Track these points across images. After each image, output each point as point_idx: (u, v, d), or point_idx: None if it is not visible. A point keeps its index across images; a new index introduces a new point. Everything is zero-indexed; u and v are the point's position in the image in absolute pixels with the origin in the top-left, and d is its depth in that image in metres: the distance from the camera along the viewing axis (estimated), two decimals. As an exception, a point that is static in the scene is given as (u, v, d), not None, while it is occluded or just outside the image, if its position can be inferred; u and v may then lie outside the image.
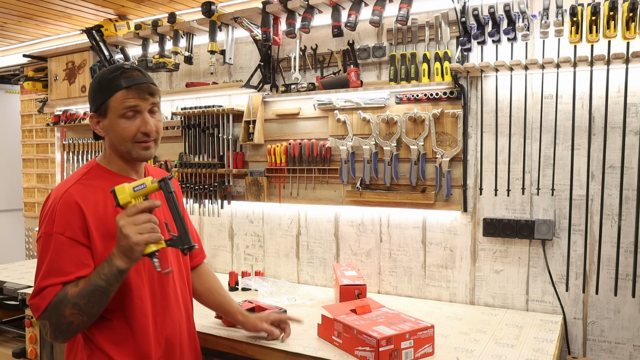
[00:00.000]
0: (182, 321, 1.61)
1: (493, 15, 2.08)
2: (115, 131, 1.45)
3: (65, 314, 1.33)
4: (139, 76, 1.44)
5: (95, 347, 1.46)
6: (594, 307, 2.10)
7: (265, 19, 2.51)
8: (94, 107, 1.47)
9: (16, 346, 2.76)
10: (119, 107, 1.42)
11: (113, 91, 1.42)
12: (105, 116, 1.45)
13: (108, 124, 1.45)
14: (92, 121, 1.49)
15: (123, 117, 1.43)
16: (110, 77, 1.42)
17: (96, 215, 1.41)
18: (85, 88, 3.29)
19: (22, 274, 3.01)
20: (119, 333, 1.46)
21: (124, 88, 1.41)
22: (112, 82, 1.42)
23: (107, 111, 1.44)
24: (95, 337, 1.45)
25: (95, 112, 1.47)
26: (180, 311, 1.61)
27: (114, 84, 1.42)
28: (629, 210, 2.02)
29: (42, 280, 1.36)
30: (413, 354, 1.65)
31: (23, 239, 4.48)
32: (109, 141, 1.49)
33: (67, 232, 1.37)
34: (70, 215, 1.38)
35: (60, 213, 1.38)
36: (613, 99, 2.02)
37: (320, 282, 2.71)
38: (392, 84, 2.38)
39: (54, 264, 1.37)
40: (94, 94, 1.46)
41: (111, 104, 1.42)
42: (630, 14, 1.86)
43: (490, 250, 2.28)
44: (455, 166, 2.33)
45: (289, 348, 1.76)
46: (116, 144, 1.47)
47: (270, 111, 2.77)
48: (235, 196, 2.92)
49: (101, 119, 1.46)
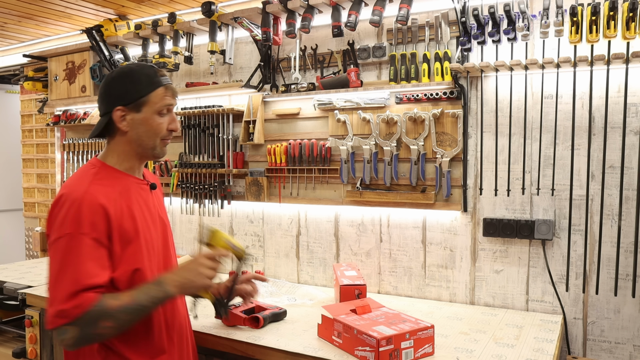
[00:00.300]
0: (185, 315, 1.67)
1: (493, 15, 2.08)
2: (148, 126, 1.45)
3: (101, 325, 1.29)
4: (168, 77, 1.50)
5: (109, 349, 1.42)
6: (594, 307, 2.10)
7: (265, 19, 2.51)
8: (125, 101, 1.43)
9: (16, 346, 2.76)
10: (159, 103, 1.45)
11: (155, 87, 1.44)
12: (139, 110, 1.44)
13: (141, 118, 1.44)
14: (117, 114, 1.44)
15: (159, 113, 1.46)
16: (150, 73, 1.45)
17: (116, 217, 1.39)
18: (85, 88, 3.29)
19: (22, 274, 3.00)
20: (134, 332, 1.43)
21: (163, 85, 1.45)
22: (152, 78, 1.44)
23: (142, 106, 1.44)
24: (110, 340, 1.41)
25: (126, 106, 1.44)
26: (184, 305, 1.66)
27: (154, 80, 1.44)
28: (629, 210, 2.02)
29: (73, 285, 1.28)
30: (413, 354, 1.65)
31: (23, 239, 4.48)
32: (131, 137, 1.46)
33: (93, 233, 1.33)
34: (97, 216, 1.35)
35: (86, 214, 1.33)
36: (613, 99, 2.02)
37: (320, 282, 2.71)
38: (392, 84, 2.38)
39: (82, 267, 1.30)
40: (129, 86, 1.43)
41: (151, 99, 1.44)
42: (630, 14, 1.86)
43: (490, 250, 2.28)
44: (455, 166, 2.33)
45: (289, 348, 1.76)
46: (143, 139, 1.47)
47: (270, 111, 2.77)
48: (235, 196, 2.92)
49: (132, 112, 1.44)
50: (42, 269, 3.18)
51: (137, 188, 1.52)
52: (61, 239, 1.33)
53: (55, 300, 1.29)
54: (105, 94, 1.47)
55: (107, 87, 1.47)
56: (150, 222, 1.51)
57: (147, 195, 1.55)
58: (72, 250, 1.32)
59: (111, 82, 1.47)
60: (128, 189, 1.48)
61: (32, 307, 2.56)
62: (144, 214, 1.49)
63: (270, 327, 1.99)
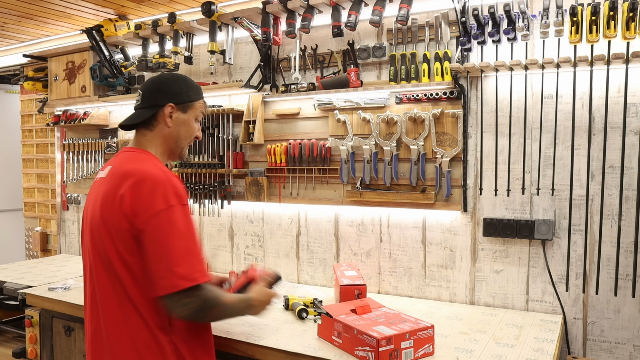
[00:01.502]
0: None
1: (493, 15, 2.08)
2: (187, 127, 1.65)
3: (212, 311, 1.45)
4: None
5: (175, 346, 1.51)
6: (594, 307, 2.10)
7: (265, 19, 2.51)
8: (177, 100, 1.60)
9: (16, 346, 2.76)
10: (199, 111, 1.67)
11: (201, 96, 1.69)
12: (185, 112, 1.63)
13: (185, 119, 1.63)
14: (167, 109, 1.59)
15: (196, 120, 1.68)
16: (198, 86, 1.69)
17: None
18: (85, 88, 3.29)
19: (22, 274, 3.01)
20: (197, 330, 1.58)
21: (203, 98, 1.70)
22: (199, 89, 1.69)
23: (188, 109, 1.64)
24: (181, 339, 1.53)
25: (176, 104, 1.61)
26: None
27: (201, 92, 1.69)
28: (629, 210, 2.02)
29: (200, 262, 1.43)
30: (413, 354, 1.65)
31: (23, 239, 4.48)
32: (171, 133, 1.62)
33: (188, 206, 1.48)
34: (184, 190, 1.49)
35: (181, 188, 1.47)
36: (613, 99, 2.02)
37: (320, 282, 2.71)
38: (392, 84, 2.38)
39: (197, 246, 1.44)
40: (184, 89, 1.62)
41: (197, 105, 1.66)
42: (630, 14, 1.86)
43: (490, 250, 2.28)
44: (455, 166, 2.33)
45: (289, 348, 1.76)
46: (181, 138, 1.64)
47: (270, 111, 2.77)
48: (235, 196, 2.92)
49: (179, 112, 1.62)
50: (42, 269, 3.18)
51: None
52: (165, 211, 1.40)
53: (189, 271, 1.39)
54: (158, 90, 1.61)
55: (162, 85, 1.62)
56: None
57: None
58: (182, 221, 1.42)
59: (167, 82, 1.63)
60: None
61: (32, 307, 2.56)
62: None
63: (271, 327, 1.99)
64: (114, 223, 1.42)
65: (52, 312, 2.46)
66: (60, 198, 3.78)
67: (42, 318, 2.53)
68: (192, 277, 1.38)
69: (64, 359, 2.46)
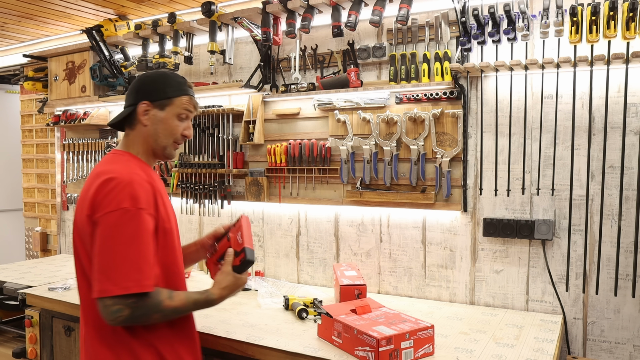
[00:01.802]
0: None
1: (493, 15, 2.08)
2: (166, 125, 1.57)
3: (152, 317, 1.41)
4: (194, 91, 1.65)
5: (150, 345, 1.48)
6: (594, 307, 2.10)
7: (265, 19, 2.51)
8: (152, 97, 1.56)
9: (16, 346, 2.76)
10: (181, 108, 1.58)
11: (182, 93, 1.59)
12: (163, 109, 1.57)
13: (162, 117, 1.57)
14: (141, 107, 1.56)
15: (178, 117, 1.59)
16: (181, 81, 1.61)
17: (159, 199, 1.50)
18: (85, 88, 3.29)
19: (22, 274, 3.01)
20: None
21: (189, 95, 1.61)
22: (182, 85, 1.60)
23: (166, 106, 1.57)
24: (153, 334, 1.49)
25: (151, 102, 1.56)
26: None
27: (184, 87, 1.60)
28: (629, 210, 2.02)
29: (136, 271, 1.35)
30: (413, 354, 1.65)
31: (23, 239, 4.48)
32: (149, 132, 1.57)
33: (150, 209, 1.43)
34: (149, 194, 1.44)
35: (141, 191, 1.42)
36: (613, 99, 2.02)
37: (320, 282, 2.71)
38: (392, 84, 2.38)
39: (143, 250, 1.38)
40: (160, 85, 1.57)
41: (175, 102, 1.58)
42: (630, 14, 1.86)
43: (490, 250, 2.28)
44: (455, 166, 2.33)
45: (289, 348, 1.76)
46: (158, 137, 1.58)
47: (270, 111, 2.77)
48: (235, 196, 2.92)
49: (155, 109, 1.56)
50: (42, 269, 3.18)
51: (159, 179, 1.62)
52: (113, 213, 1.37)
53: (117, 279, 1.34)
54: (135, 88, 1.59)
55: (140, 83, 1.60)
56: (171, 211, 1.61)
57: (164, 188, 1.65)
58: (130, 225, 1.37)
59: (145, 80, 1.60)
60: (155, 177, 1.58)
61: (32, 307, 2.56)
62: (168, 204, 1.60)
63: (271, 327, 1.99)
64: (82, 223, 1.44)
65: (52, 312, 2.46)
66: (60, 198, 3.78)
67: (42, 318, 2.53)
68: (124, 286, 1.33)
69: (64, 359, 2.46)
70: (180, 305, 1.45)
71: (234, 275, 1.55)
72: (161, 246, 1.48)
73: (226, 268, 1.56)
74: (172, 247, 1.54)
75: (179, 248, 1.61)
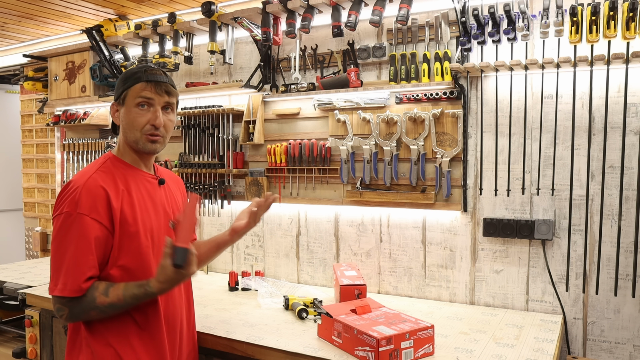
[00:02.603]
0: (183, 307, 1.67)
1: (493, 15, 2.08)
2: (128, 118, 1.55)
3: (90, 314, 1.44)
4: (160, 75, 1.58)
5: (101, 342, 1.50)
6: (594, 307, 2.10)
7: (265, 19, 2.51)
8: (116, 96, 1.59)
9: (16, 346, 2.76)
10: (135, 96, 1.53)
11: (135, 82, 1.54)
12: (123, 104, 1.57)
13: (124, 111, 1.56)
14: (112, 109, 1.61)
15: (137, 106, 1.54)
16: (135, 71, 1.57)
17: (117, 200, 1.49)
18: (85, 88, 3.29)
19: (22, 274, 3.00)
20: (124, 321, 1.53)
21: (144, 81, 1.54)
22: (135, 74, 1.56)
23: (125, 99, 1.56)
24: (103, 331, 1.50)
25: (116, 101, 1.59)
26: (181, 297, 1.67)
27: (136, 76, 1.55)
28: (629, 210, 2.02)
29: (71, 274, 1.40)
30: (413, 354, 1.65)
31: (23, 239, 4.48)
32: (122, 129, 1.59)
33: (93, 213, 1.43)
34: (96, 198, 1.45)
35: (86, 195, 1.44)
36: (613, 99, 2.02)
37: (320, 282, 2.71)
38: (392, 84, 2.38)
39: (81, 253, 1.41)
40: (120, 83, 1.58)
41: (130, 93, 1.54)
42: (630, 14, 1.86)
43: (490, 250, 2.28)
44: (455, 166, 2.33)
45: (289, 348, 1.76)
46: (127, 132, 1.57)
47: (270, 111, 2.77)
48: (235, 196, 2.92)
49: (120, 107, 1.58)
50: (42, 269, 3.18)
51: (142, 180, 1.60)
52: (58, 217, 1.44)
53: (57, 281, 1.42)
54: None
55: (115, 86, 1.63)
56: (153, 213, 1.58)
57: (154, 189, 1.63)
58: (68, 229, 1.42)
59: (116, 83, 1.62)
60: (132, 178, 1.57)
61: (32, 307, 2.56)
62: (146, 204, 1.57)
63: (271, 327, 1.99)
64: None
65: (52, 312, 2.46)
66: (60, 198, 3.78)
67: (42, 318, 2.53)
68: (59, 287, 1.41)
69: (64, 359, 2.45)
70: (116, 301, 1.43)
71: (174, 270, 1.40)
72: (124, 250, 1.48)
73: (165, 262, 1.40)
74: (137, 251, 1.51)
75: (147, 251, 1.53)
